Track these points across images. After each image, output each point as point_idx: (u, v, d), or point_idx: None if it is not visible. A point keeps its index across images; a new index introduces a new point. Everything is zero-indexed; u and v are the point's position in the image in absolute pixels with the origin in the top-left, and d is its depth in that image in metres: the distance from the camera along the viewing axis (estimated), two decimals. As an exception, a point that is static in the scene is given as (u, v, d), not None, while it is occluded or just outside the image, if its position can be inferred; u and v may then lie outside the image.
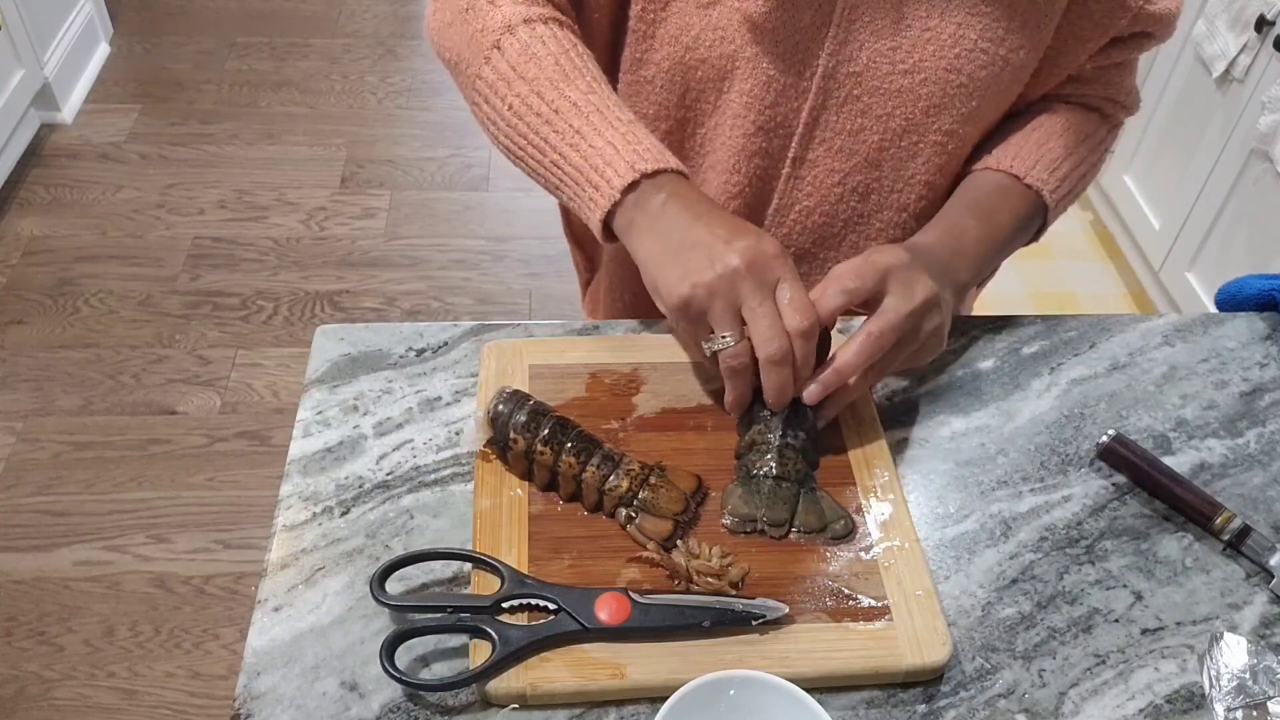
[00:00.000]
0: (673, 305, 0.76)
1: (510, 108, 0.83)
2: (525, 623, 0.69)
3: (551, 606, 0.69)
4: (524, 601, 0.69)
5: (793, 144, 0.93)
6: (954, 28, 0.86)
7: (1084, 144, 0.96)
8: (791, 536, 0.76)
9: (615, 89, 0.94)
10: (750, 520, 0.76)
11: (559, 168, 0.82)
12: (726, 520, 0.76)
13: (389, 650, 0.66)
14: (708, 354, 0.77)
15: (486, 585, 0.71)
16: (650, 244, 0.78)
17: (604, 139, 0.80)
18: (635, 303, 1.10)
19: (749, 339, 0.75)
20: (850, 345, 0.77)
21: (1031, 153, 0.93)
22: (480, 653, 0.67)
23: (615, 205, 0.79)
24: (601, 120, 0.81)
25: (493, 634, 0.67)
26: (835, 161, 0.93)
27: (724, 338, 0.75)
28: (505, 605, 0.69)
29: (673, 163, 0.80)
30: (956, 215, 0.91)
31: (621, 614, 0.68)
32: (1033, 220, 0.95)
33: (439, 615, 0.69)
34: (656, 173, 0.79)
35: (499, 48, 0.84)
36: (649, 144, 0.81)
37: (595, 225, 0.81)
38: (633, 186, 0.79)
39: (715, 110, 0.92)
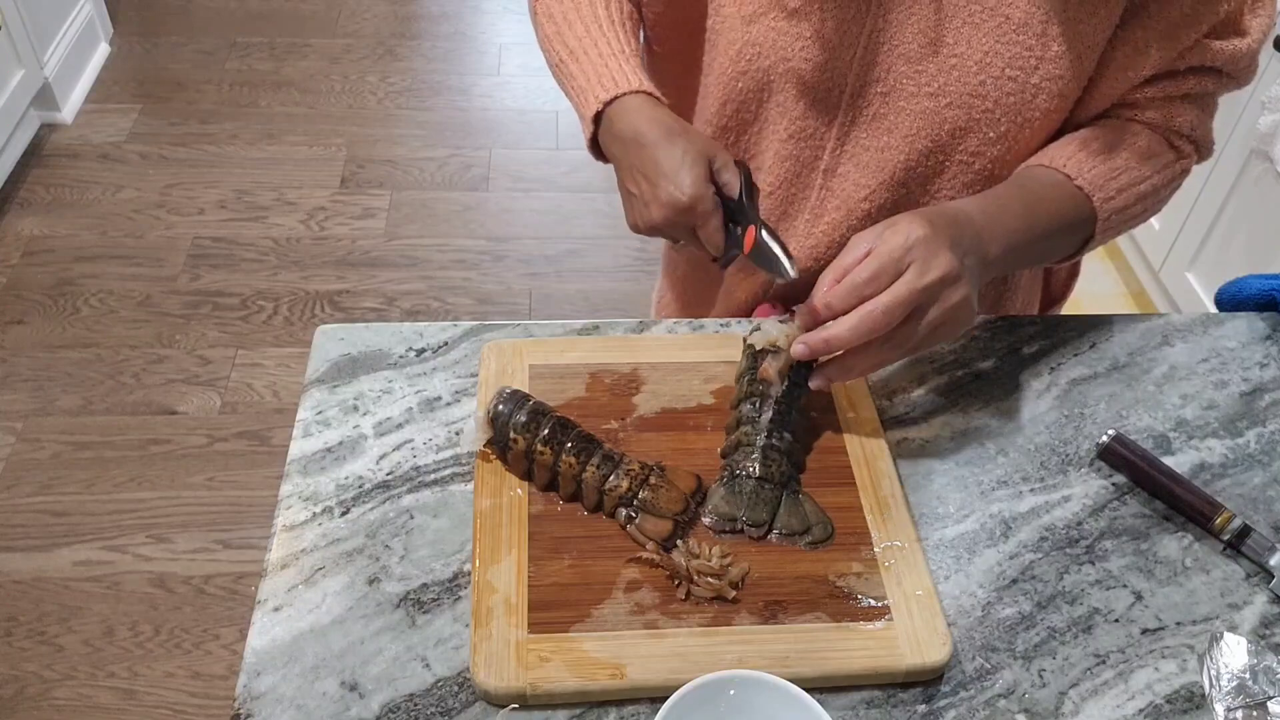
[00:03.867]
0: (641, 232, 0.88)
1: (549, 64, 0.98)
2: None
3: None
4: None
5: (824, 155, 0.95)
6: (980, 55, 0.86)
7: (1146, 163, 0.91)
8: (771, 538, 0.76)
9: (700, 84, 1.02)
10: (730, 520, 0.76)
11: (573, 107, 0.95)
12: (707, 519, 0.76)
13: None
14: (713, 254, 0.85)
15: None
16: (616, 171, 0.89)
17: (584, 77, 0.91)
18: (691, 300, 1.16)
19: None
20: (848, 318, 0.75)
21: (1088, 159, 0.89)
22: None
23: (594, 134, 0.90)
24: (585, 60, 0.92)
25: None
26: (863, 177, 0.94)
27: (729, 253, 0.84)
28: None
29: (631, 84, 0.88)
30: (1002, 192, 0.89)
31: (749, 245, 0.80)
32: (1078, 225, 0.90)
33: None
34: (614, 99, 0.87)
35: (535, 12, 0.98)
36: (614, 72, 0.89)
37: (590, 150, 0.93)
38: (599, 116, 0.89)
39: (757, 118, 0.96)
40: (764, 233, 0.82)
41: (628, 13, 0.96)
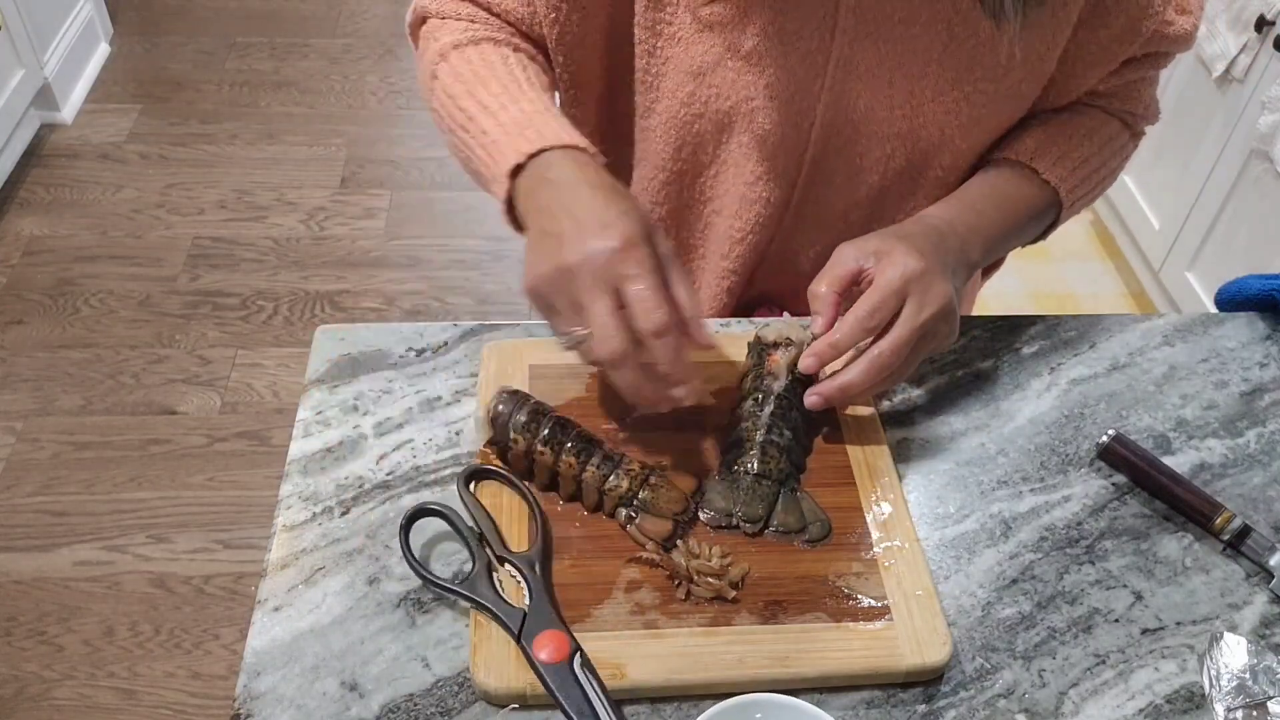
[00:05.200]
0: (525, 296, 0.73)
1: (449, 128, 0.86)
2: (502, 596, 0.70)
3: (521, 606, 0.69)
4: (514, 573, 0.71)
5: (796, 190, 0.93)
6: (952, 73, 0.86)
7: (1105, 149, 0.96)
8: (767, 535, 0.76)
9: (634, 120, 0.95)
10: (726, 515, 0.76)
11: (477, 171, 0.82)
12: (704, 514, 0.76)
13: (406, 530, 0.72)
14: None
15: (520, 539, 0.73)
16: (530, 226, 0.76)
17: (501, 130, 0.79)
18: None
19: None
20: (859, 365, 0.78)
21: (1052, 150, 0.92)
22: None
23: (510, 192, 0.77)
24: (504, 114, 0.80)
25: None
26: (838, 202, 0.94)
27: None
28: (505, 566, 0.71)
29: (563, 138, 0.77)
30: (975, 194, 0.90)
31: (556, 656, 0.67)
32: (1046, 214, 0.94)
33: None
34: (541, 151, 0.76)
35: (436, 76, 0.87)
36: (540, 125, 0.78)
37: (503, 217, 0.80)
38: (519, 170, 0.77)
39: (714, 160, 0.92)
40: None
41: (546, 84, 0.87)
